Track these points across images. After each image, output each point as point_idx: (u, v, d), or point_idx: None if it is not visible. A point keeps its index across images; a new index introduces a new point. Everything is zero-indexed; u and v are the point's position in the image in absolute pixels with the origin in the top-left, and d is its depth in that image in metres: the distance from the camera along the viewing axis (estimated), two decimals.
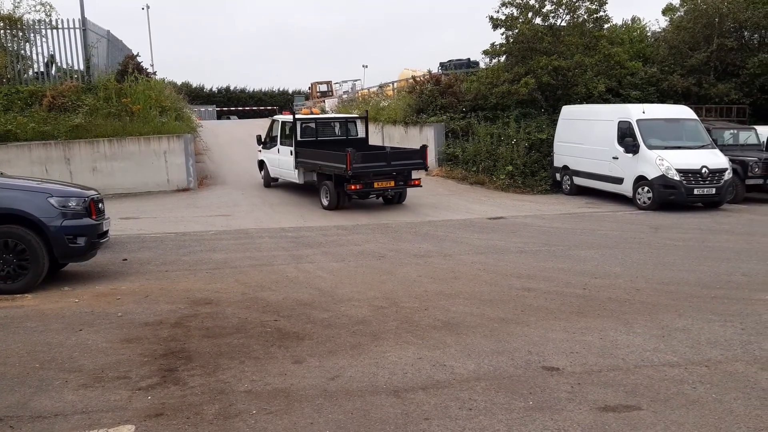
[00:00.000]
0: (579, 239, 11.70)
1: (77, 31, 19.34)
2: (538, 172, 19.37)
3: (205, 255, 10.38)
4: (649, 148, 15.37)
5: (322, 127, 17.28)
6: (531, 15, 20.78)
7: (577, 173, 17.86)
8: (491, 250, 10.74)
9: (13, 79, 19.33)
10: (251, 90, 62.43)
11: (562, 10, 20.83)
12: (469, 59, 29.51)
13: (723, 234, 12.14)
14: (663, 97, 21.89)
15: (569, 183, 18.31)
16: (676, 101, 20.86)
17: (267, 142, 18.53)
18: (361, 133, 17.64)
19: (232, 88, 61.87)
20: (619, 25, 26.59)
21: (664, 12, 25.78)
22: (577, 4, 20.71)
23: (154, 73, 22.61)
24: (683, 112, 17.04)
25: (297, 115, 17.22)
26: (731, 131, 18.46)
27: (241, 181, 20.16)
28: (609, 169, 16.44)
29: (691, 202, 15.30)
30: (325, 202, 15.26)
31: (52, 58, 20.05)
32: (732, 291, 7.84)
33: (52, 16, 19.76)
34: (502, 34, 21.33)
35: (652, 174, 15.13)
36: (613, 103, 20.23)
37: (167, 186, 18.55)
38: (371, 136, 19.10)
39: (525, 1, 20.87)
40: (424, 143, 21.01)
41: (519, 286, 8.15)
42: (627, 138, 15.80)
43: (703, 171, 14.87)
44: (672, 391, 4.85)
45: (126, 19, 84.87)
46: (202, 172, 20.79)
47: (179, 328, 6.51)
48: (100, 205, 8.88)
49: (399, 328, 6.42)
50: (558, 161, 18.81)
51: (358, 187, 14.51)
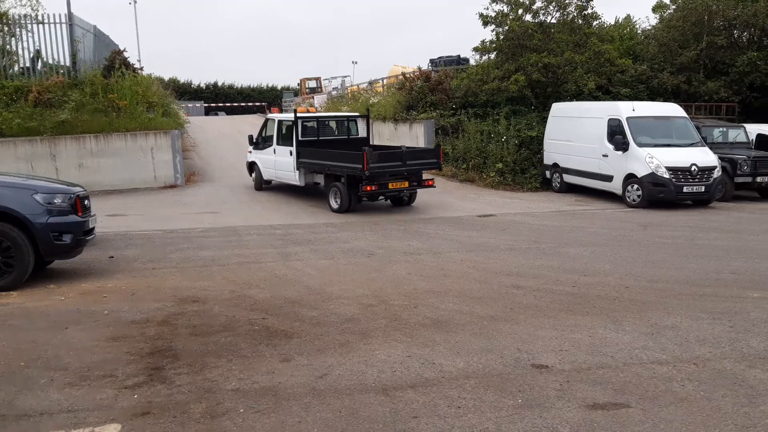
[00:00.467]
0: (569, 237, 11.71)
1: (63, 25, 19.17)
2: (528, 170, 19.39)
3: (192, 252, 10.30)
4: (639, 145, 15.40)
5: (323, 127, 16.72)
6: (521, 12, 20.79)
7: (567, 171, 17.89)
8: (481, 247, 10.73)
9: None
10: (239, 86, 62.18)
11: (552, 7, 20.85)
12: (459, 56, 29.49)
13: (712, 232, 12.19)
14: (653, 95, 21.95)
15: (559, 180, 18.33)
16: (666, 99, 20.93)
17: (259, 143, 17.59)
18: (362, 133, 17.10)
19: (220, 84, 61.56)
20: (611, 23, 26.63)
21: (654, 9, 25.81)
22: (567, 2, 20.74)
23: (141, 69, 22.42)
24: (673, 109, 17.10)
25: (299, 114, 16.38)
26: (720, 129, 18.52)
27: (229, 177, 20.05)
28: (599, 166, 16.47)
29: (680, 200, 15.35)
30: (334, 204, 14.50)
31: (38, 53, 19.86)
32: (721, 289, 7.86)
33: (38, 11, 19.61)
34: (492, 31, 21.34)
35: (641, 172, 15.16)
36: (603, 100, 20.28)
37: (154, 182, 18.43)
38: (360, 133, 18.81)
39: None
40: (415, 140, 21.12)
41: (508, 284, 8.14)
42: (617, 136, 15.84)
43: (692, 169, 14.93)
44: (661, 389, 4.85)
45: (113, 13, 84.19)
46: (190, 169, 20.68)
47: (166, 327, 6.45)
48: (86, 201, 8.81)
49: (388, 326, 6.39)
50: (548, 159, 18.82)
51: (374, 188, 13.80)
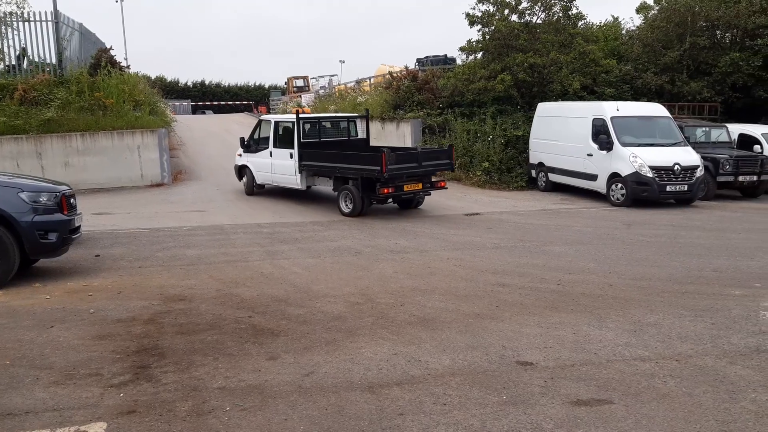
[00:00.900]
0: (554, 235, 11.81)
1: (49, 23, 19.03)
2: (514, 169, 19.48)
3: (179, 251, 10.29)
4: (623, 145, 15.53)
5: (324, 128, 16.02)
6: (507, 12, 20.86)
7: (553, 170, 18.00)
8: (467, 246, 10.79)
9: None
10: (227, 84, 62.01)
11: (537, 8, 20.95)
12: (446, 55, 29.55)
13: (694, 230, 12.32)
14: (637, 95, 22.11)
15: (545, 179, 18.45)
16: (650, 99, 21.08)
17: (251, 145, 16.70)
18: (361, 134, 16.49)
19: (207, 83, 61.30)
20: (596, 24, 26.80)
21: (638, 10, 25.99)
22: (552, 2, 20.86)
23: (128, 67, 22.30)
24: (656, 109, 17.25)
25: (301, 115, 15.66)
26: (703, 129, 18.70)
27: (216, 176, 19.98)
28: (583, 166, 16.59)
29: (663, 199, 15.49)
30: (346, 208, 13.87)
31: (24, 51, 19.69)
32: (703, 286, 7.96)
33: (24, 9, 19.42)
34: (479, 31, 21.41)
35: (625, 171, 15.29)
36: (588, 100, 20.40)
37: (141, 181, 18.36)
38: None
39: None
40: (402, 139, 21.16)
41: (494, 282, 8.20)
42: (601, 135, 15.95)
43: (675, 168, 15.07)
44: (643, 385, 4.92)
45: (99, 11, 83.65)
46: (177, 167, 20.60)
47: (152, 325, 6.46)
48: (72, 200, 8.79)
49: (374, 324, 6.42)
50: (534, 158, 18.93)
51: (390, 190, 13.37)
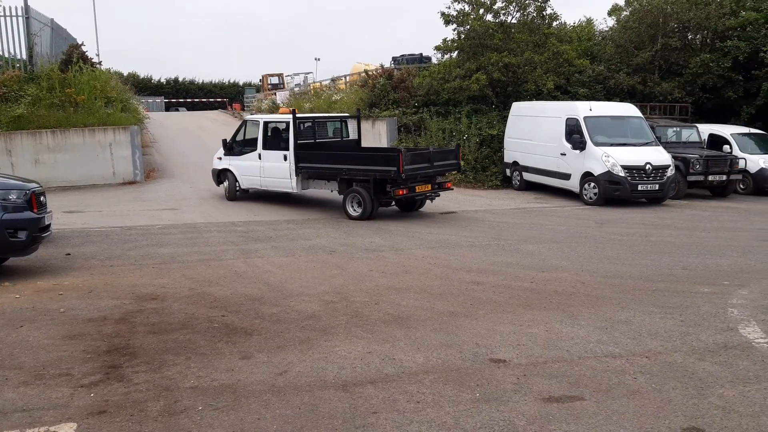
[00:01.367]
0: (528, 234, 11.90)
1: (20, 18, 18.71)
2: (489, 168, 19.60)
3: (151, 249, 10.18)
4: (596, 144, 15.70)
5: (319, 128, 15.34)
6: (482, 11, 20.97)
7: (527, 169, 18.14)
8: (442, 244, 10.83)
9: None
10: (201, 81, 61.42)
11: (512, 8, 21.09)
12: (421, 54, 29.62)
13: (665, 229, 12.50)
14: (609, 95, 22.36)
15: (519, 178, 18.58)
16: (622, 99, 21.34)
17: (235, 147, 15.60)
18: (353, 134, 15.92)
19: (180, 80, 60.66)
20: (570, 25, 27.06)
21: (610, 13, 26.33)
22: (527, 2, 21.00)
23: (100, 63, 22.07)
24: (628, 109, 17.48)
25: (297, 114, 14.83)
26: (674, 129, 18.99)
27: (189, 174, 19.82)
28: (557, 165, 16.75)
29: (635, 198, 15.71)
30: (353, 212, 13.26)
31: None
32: (672, 284, 8.08)
33: None
34: (454, 30, 21.50)
35: (598, 170, 15.46)
36: (562, 100, 20.60)
37: (113, 179, 18.16)
38: None
39: None
40: (378, 138, 21.16)
41: (469, 280, 8.24)
42: (574, 135, 16.11)
43: (647, 167, 15.28)
44: (614, 382, 4.98)
45: (71, 6, 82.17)
46: (149, 165, 20.40)
47: (124, 324, 6.38)
48: (42, 198, 8.66)
49: (349, 323, 6.42)
50: (508, 157, 19.06)
51: (405, 191, 12.91)
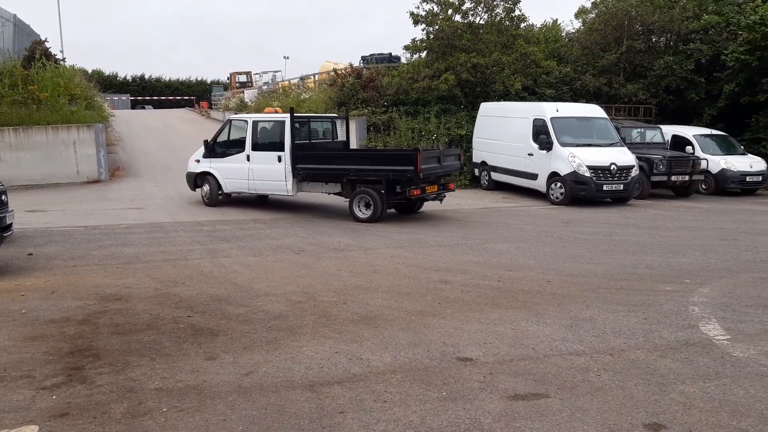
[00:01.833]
0: (495, 233, 11.99)
1: None
2: None
3: (115, 249, 10.01)
4: (562, 145, 15.90)
5: (312, 128, 14.80)
6: (451, 12, 21.10)
7: (495, 169, 18.29)
8: (411, 243, 10.85)
9: None
10: (167, 79, 60.89)
11: (480, 9, 21.25)
12: (390, 54, 29.70)
13: (629, 228, 12.71)
14: (576, 96, 22.68)
15: (487, 178, 18.73)
16: (588, 100, 21.66)
17: (217, 149, 14.68)
18: (341, 135, 15.47)
19: (147, 77, 60.07)
20: (537, 26, 27.37)
21: (576, 15, 26.72)
22: (495, 3, 21.18)
23: (64, 60, 21.72)
24: (594, 111, 17.73)
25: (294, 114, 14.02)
26: (638, 130, 19.33)
27: (155, 172, 19.56)
28: (524, 165, 16.91)
29: (600, 198, 15.95)
30: (362, 214, 12.93)
31: None
32: (636, 282, 8.21)
33: None
34: (423, 30, 21.60)
35: (564, 170, 15.66)
36: (529, 100, 20.83)
37: (77, 177, 17.87)
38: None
39: None
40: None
41: (437, 279, 8.26)
42: (541, 135, 16.30)
43: (611, 168, 15.52)
44: (578, 379, 5.04)
45: (34, 1, 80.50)
46: (114, 164, 20.09)
47: (87, 325, 6.26)
48: (3, 197, 8.50)
49: (316, 323, 6.39)
50: (477, 157, 19.19)
51: (419, 192, 12.67)
